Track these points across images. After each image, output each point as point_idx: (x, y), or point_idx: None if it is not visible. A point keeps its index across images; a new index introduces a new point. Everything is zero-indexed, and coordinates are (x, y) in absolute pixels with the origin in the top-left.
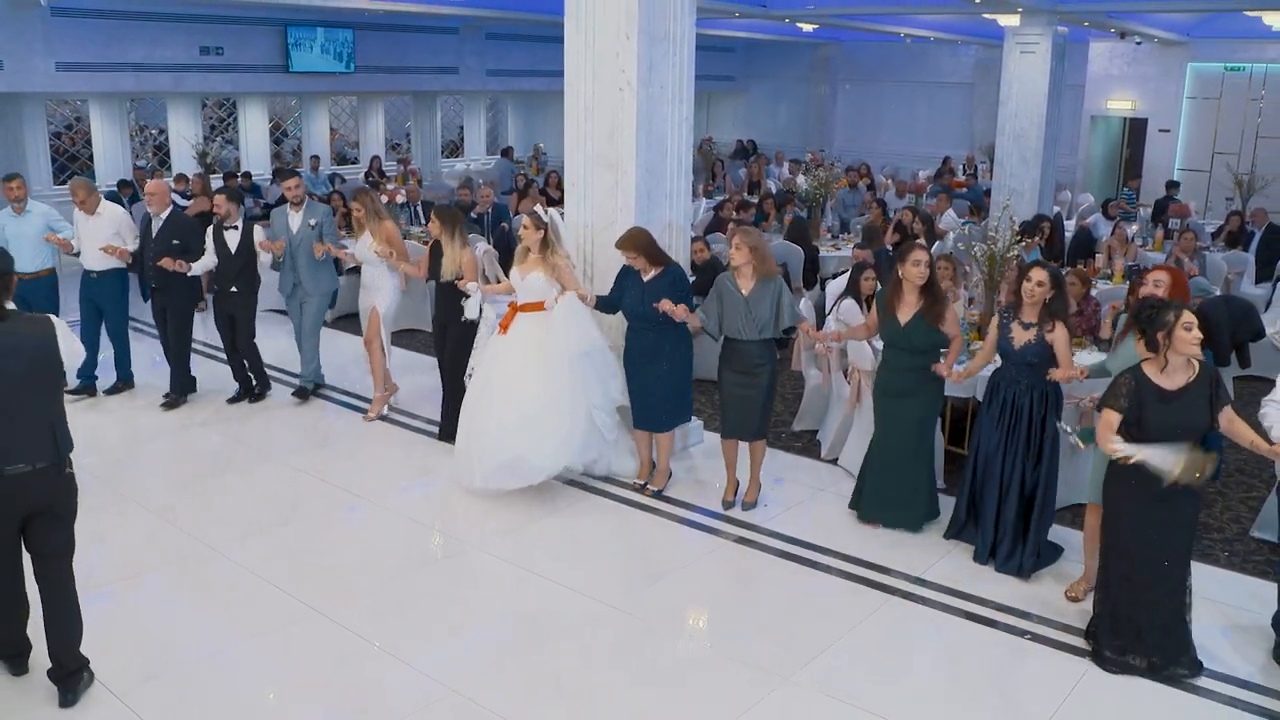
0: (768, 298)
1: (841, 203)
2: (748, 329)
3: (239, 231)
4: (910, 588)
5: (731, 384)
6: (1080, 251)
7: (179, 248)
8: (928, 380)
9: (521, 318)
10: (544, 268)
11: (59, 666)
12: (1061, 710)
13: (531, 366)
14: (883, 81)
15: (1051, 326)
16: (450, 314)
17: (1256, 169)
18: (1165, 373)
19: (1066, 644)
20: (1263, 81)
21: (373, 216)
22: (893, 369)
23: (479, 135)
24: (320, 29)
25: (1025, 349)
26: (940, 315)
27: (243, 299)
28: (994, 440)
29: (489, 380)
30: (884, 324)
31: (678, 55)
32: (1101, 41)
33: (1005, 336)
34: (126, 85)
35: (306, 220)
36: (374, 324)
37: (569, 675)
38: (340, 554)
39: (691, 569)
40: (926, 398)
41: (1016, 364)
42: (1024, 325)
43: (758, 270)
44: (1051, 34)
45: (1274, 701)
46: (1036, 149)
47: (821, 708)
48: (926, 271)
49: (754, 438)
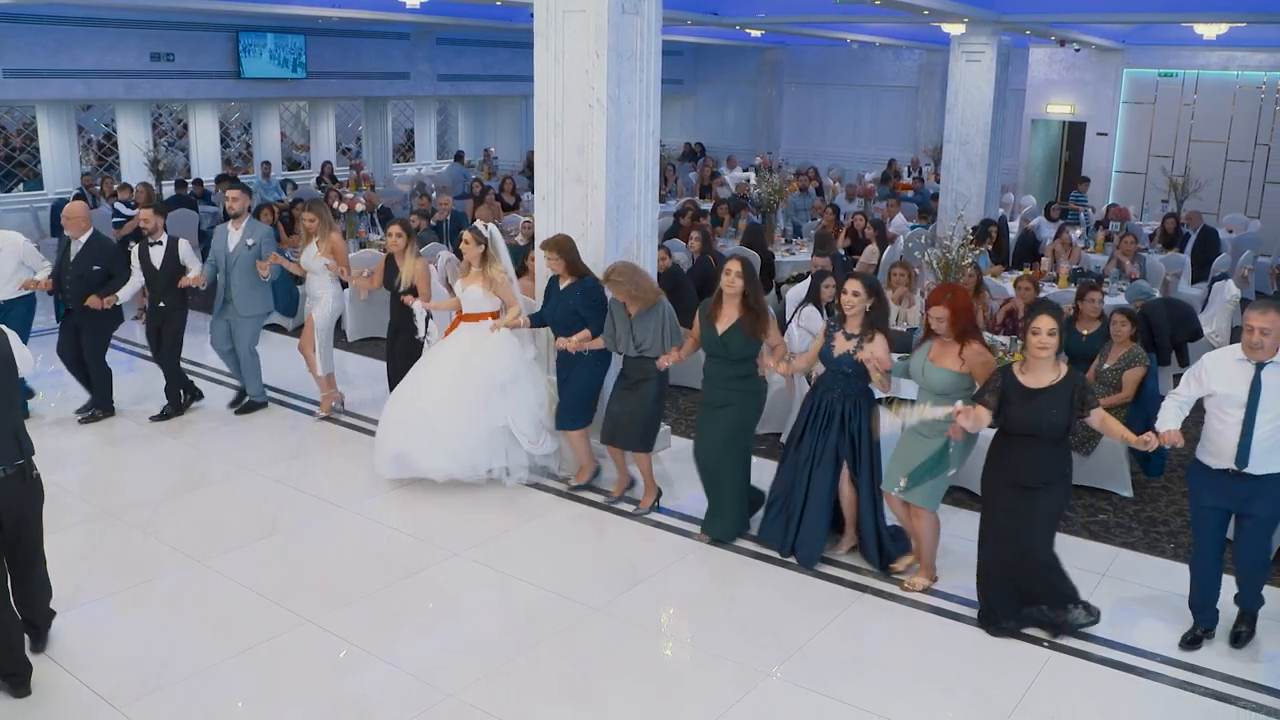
0: (653, 321)
1: (793, 206)
2: (628, 347)
3: (164, 247)
4: (881, 585)
5: (618, 393)
6: (1025, 254)
7: (100, 273)
8: (746, 393)
9: (463, 326)
10: (482, 281)
11: (29, 625)
12: (1027, 697)
13: (450, 378)
14: (828, 85)
15: (871, 337)
16: (405, 322)
17: (1190, 171)
18: (1029, 372)
19: (1029, 635)
20: (1194, 87)
21: (324, 226)
22: (713, 381)
23: (430, 140)
24: (271, 35)
25: (842, 358)
26: (760, 328)
27: (171, 314)
28: (806, 442)
29: (415, 378)
30: (704, 333)
31: (644, 72)
32: (1041, 48)
33: (828, 344)
34: (76, 92)
35: (245, 239)
36: (309, 331)
37: (560, 676)
38: (325, 564)
39: (669, 572)
40: (744, 410)
41: (833, 372)
42: (847, 336)
43: (639, 302)
44: (996, 42)
45: (1225, 685)
46: (982, 154)
47: (801, 702)
48: (738, 281)
49: (632, 448)
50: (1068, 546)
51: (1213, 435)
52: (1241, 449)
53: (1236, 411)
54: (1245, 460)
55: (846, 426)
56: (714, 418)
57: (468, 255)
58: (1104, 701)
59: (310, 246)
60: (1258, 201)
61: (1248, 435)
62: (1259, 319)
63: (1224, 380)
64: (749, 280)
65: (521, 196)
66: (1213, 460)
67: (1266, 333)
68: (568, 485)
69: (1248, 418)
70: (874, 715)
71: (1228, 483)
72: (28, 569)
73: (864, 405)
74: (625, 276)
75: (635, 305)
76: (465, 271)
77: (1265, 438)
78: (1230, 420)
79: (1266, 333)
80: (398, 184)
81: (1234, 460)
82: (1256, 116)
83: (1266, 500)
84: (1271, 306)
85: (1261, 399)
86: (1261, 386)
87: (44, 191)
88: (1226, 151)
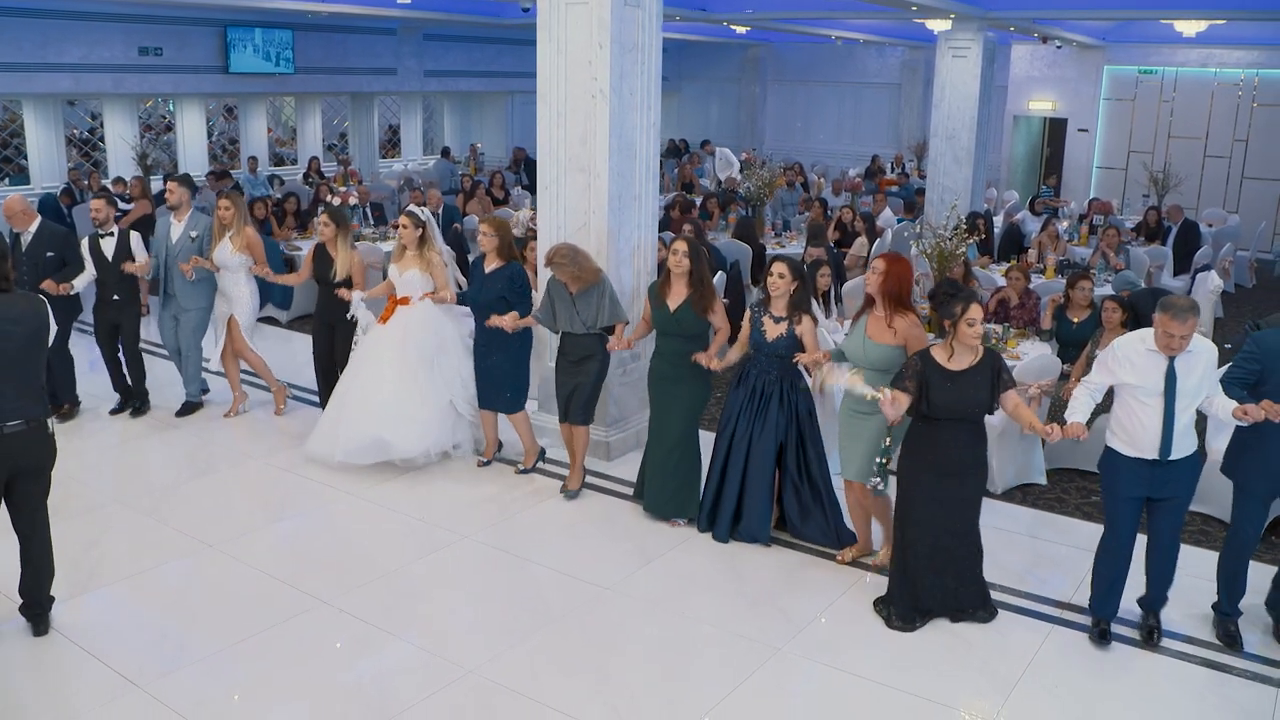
0: (594, 298)
1: (779, 201)
2: (575, 324)
3: (114, 239)
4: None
5: (563, 371)
6: (1011, 247)
7: (54, 260)
8: (696, 368)
9: (400, 310)
10: (420, 264)
11: (33, 605)
12: (1032, 666)
13: (394, 360)
14: (811, 82)
15: (799, 319)
16: (336, 314)
17: (1169, 167)
18: (951, 356)
19: (1030, 610)
20: (1174, 85)
21: (239, 219)
22: (664, 356)
23: (416, 136)
24: (259, 30)
25: (776, 341)
26: (707, 305)
27: (126, 307)
28: (741, 425)
29: (360, 366)
30: (655, 311)
31: (646, 64)
32: (1023, 45)
33: (758, 330)
34: (64, 86)
35: (187, 231)
36: (238, 336)
37: (577, 652)
38: (336, 547)
39: (676, 552)
40: (694, 385)
41: (768, 355)
42: (775, 319)
43: (580, 281)
44: (982, 39)
45: (1212, 653)
46: (969, 148)
47: (814, 674)
48: (684, 260)
49: (577, 422)
50: (1062, 527)
51: (1129, 425)
52: (1165, 440)
53: (1152, 401)
54: (1168, 450)
55: (785, 405)
56: (671, 393)
57: (404, 238)
58: (1104, 673)
59: (224, 242)
60: (1235, 197)
61: (1169, 426)
62: (1178, 327)
63: (1137, 371)
64: (695, 259)
65: (510, 191)
66: (1130, 450)
67: (1185, 339)
68: (478, 462)
69: (1167, 410)
70: (885, 687)
71: (1146, 471)
72: (35, 531)
73: (799, 384)
74: (567, 258)
75: (577, 285)
76: (399, 255)
77: (1183, 426)
78: (1148, 410)
79: (1185, 339)
80: (384, 180)
81: (1157, 452)
82: (1234, 113)
83: (1183, 482)
84: (1191, 314)
85: (1178, 389)
86: (1176, 377)
87: (31, 186)
88: (1205, 148)
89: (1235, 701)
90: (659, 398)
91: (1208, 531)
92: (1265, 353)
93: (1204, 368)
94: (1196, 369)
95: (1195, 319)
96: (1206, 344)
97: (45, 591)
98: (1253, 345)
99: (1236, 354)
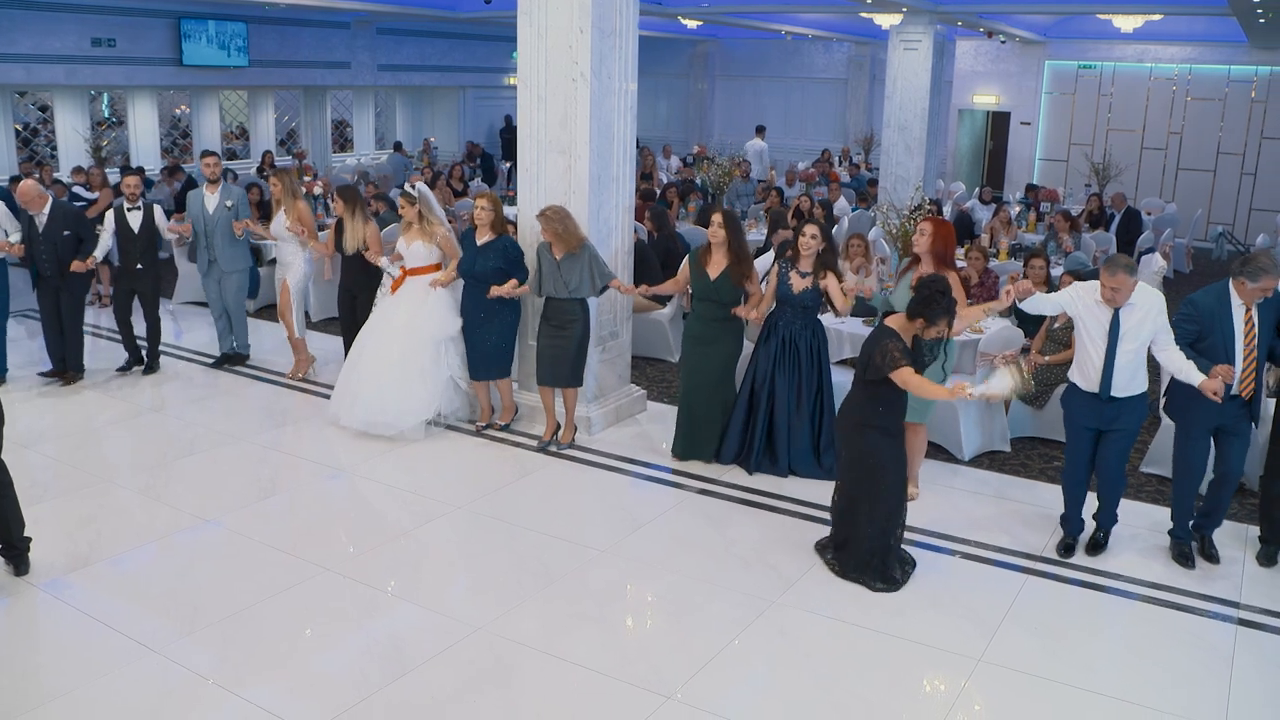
0: (578, 264)
1: (734, 192)
2: (559, 289)
3: (140, 212)
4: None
5: (546, 335)
6: (962, 233)
7: (71, 238)
8: (729, 330)
9: (409, 281)
10: (423, 236)
11: (10, 548)
12: (1011, 611)
13: (400, 337)
14: (759, 77)
15: (824, 275)
16: (358, 283)
17: (1109, 158)
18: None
19: (1007, 563)
20: (1111, 79)
21: (289, 195)
22: (701, 319)
23: (368, 130)
24: (213, 21)
25: (803, 294)
26: (745, 274)
27: (148, 275)
28: (769, 373)
29: (371, 334)
30: (695, 279)
31: (624, 48)
32: (968, 40)
33: (785, 284)
34: (15, 77)
35: (223, 201)
36: (285, 296)
37: (579, 608)
38: (333, 519)
39: (665, 518)
40: (728, 346)
41: (794, 307)
42: (801, 274)
43: (564, 245)
44: (933, 31)
45: (1177, 596)
46: (920, 138)
47: (809, 623)
48: (720, 231)
49: (566, 385)
50: (1028, 489)
51: (1082, 361)
52: (1105, 380)
53: (1100, 343)
54: (1108, 390)
55: (813, 353)
56: (704, 354)
57: (407, 215)
58: (1078, 615)
59: (279, 215)
60: (1171, 187)
61: (1109, 368)
62: (1109, 280)
63: (1087, 316)
64: (731, 230)
65: (469, 184)
66: (1083, 383)
67: (1117, 290)
68: (476, 428)
69: (1108, 354)
70: (878, 633)
71: (1097, 405)
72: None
73: (821, 332)
74: (556, 218)
75: (560, 248)
76: (405, 230)
77: (1124, 367)
78: (1094, 351)
79: (1117, 290)
80: (339, 174)
81: (1099, 389)
82: (1169, 107)
83: (1127, 418)
84: (1120, 269)
85: (1121, 336)
86: (1120, 326)
87: None
88: (1142, 140)
89: (1201, 637)
90: (692, 356)
91: (1163, 491)
92: (1200, 313)
93: (1149, 317)
94: (1142, 320)
95: (1125, 274)
96: (1150, 295)
97: (18, 535)
98: (1189, 307)
99: (1174, 317)
